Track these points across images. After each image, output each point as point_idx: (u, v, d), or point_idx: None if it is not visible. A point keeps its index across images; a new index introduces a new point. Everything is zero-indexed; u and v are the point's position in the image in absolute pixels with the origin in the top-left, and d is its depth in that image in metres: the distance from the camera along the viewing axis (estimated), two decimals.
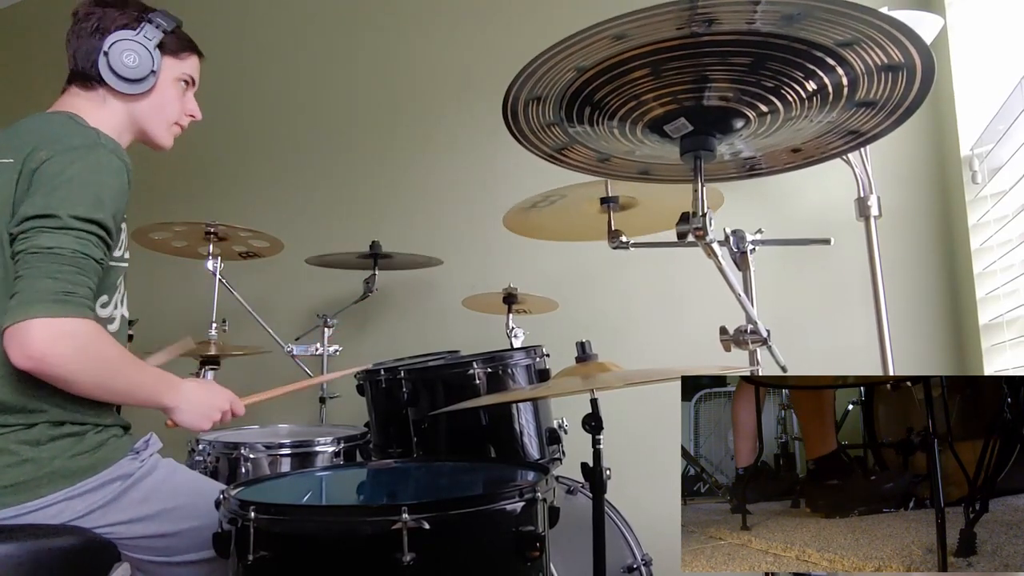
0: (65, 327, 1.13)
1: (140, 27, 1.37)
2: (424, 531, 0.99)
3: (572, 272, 2.52)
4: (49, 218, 1.16)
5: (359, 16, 3.09)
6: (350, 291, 2.64)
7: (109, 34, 1.36)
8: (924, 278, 2.11)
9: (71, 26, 1.39)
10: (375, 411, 1.97)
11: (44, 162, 1.20)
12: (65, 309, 1.13)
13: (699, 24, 0.84)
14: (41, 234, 1.16)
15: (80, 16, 1.38)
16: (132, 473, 1.29)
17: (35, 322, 1.11)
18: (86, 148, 1.24)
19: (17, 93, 3.87)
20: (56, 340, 1.12)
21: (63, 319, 1.13)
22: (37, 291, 1.13)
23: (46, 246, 1.15)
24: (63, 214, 1.16)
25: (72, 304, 1.14)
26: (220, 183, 3.28)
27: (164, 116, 1.45)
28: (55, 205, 1.17)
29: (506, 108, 1.02)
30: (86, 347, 1.16)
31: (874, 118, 1.03)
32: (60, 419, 1.23)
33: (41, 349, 1.11)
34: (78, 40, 1.37)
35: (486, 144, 2.71)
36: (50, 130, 1.27)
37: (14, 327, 1.11)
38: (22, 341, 1.11)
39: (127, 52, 1.35)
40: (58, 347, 1.12)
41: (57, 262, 1.15)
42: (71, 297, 1.15)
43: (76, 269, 1.16)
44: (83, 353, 1.15)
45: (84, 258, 1.18)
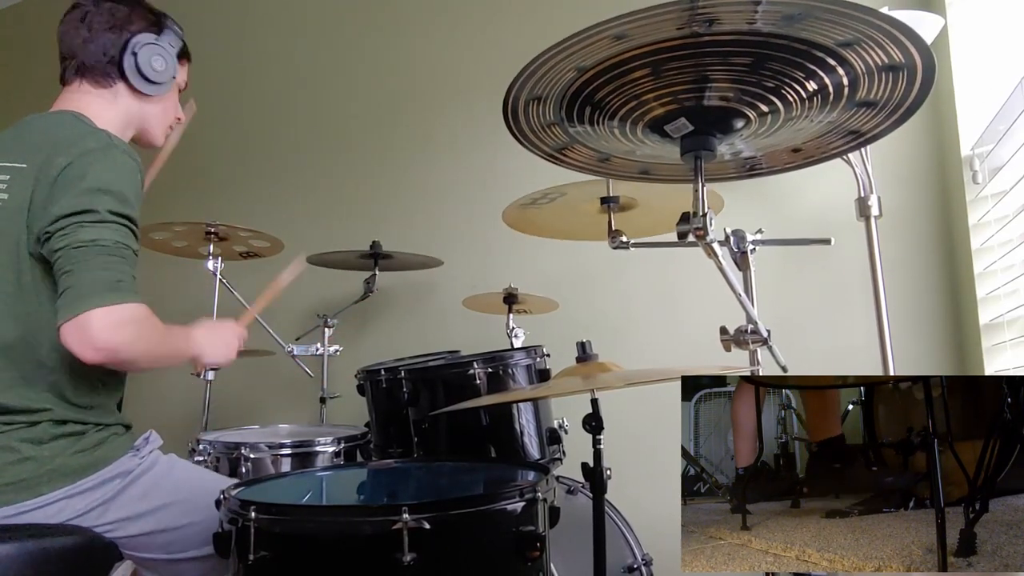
0: (124, 314, 1.16)
1: (163, 33, 1.41)
2: (424, 531, 0.99)
3: (572, 272, 2.52)
4: (87, 213, 1.19)
5: (359, 16, 3.09)
6: (350, 291, 2.64)
7: (130, 33, 1.38)
8: (924, 278, 2.11)
9: (76, 18, 1.38)
10: (375, 411, 1.97)
11: (64, 168, 1.22)
12: (121, 296, 1.16)
13: (700, 24, 0.84)
14: (81, 228, 1.18)
15: (88, 8, 1.38)
16: (131, 470, 1.29)
17: (95, 312, 1.13)
18: (101, 150, 1.26)
19: (17, 93, 3.87)
20: (118, 328, 1.15)
21: (121, 306, 1.16)
22: (90, 283, 1.15)
23: (89, 239, 1.18)
24: (100, 208, 1.19)
25: (125, 291, 1.18)
26: (220, 183, 3.28)
27: (166, 119, 1.50)
28: (88, 202, 1.20)
29: (506, 108, 1.02)
30: (144, 329, 1.20)
31: (875, 118, 1.03)
32: (63, 418, 1.24)
33: (106, 338, 1.13)
34: (90, 33, 1.37)
35: (486, 144, 2.71)
36: (61, 133, 1.28)
37: (74, 321, 1.13)
38: (86, 333, 1.13)
39: (156, 56, 1.39)
40: (123, 334, 1.16)
41: (103, 253, 1.18)
42: (123, 285, 1.18)
43: (121, 259, 1.20)
44: (142, 335, 1.20)
45: (126, 248, 1.22)
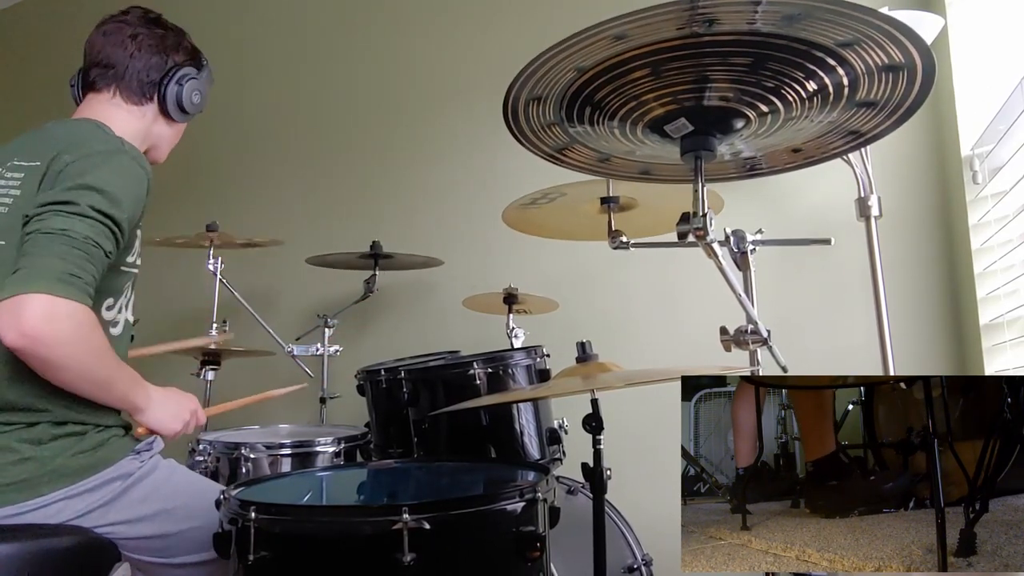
0: (65, 308, 1.10)
1: (202, 71, 1.51)
2: (424, 531, 0.99)
3: (572, 272, 2.52)
4: (67, 204, 1.17)
5: (359, 16, 3.09)
6: (351, 291, 2.64)
7: (175, 63, 1.46)
8: (924, 278, 2.11)
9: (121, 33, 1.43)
10: (375, 411, 1.97)
11: (68, 164, 1.23)
12: (68, 290, 1.11)
13: (699, 24, 0.84)
14: (56, 216, 1.16)
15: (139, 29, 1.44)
16: (132, 472, 1.29)
17: (35, 297, 1.07)
18: (109, 153, 1.27)
19: (17, 93, 3.87)
20: (53, 319, 1.08)
21: (64, 300, 1.10)
22: (42, 268, 1.10)
23: (59, 227, 1.15)
24: (82, 203, 1.18)
25: (76, 287, 1.12)
26: (221, 183, 3.29)
27: (175, 141, 1.57)
28: (74, 196, 1.18)
29: (506, 108, 1.02)
30: (81, 332, 1.13)
31: (875, 118, 1.03)
32: (63, 419, 1.24)
33: (36, 326, 1.07)
34: (138, 51, 1.43)
35: (486, 144, 2.71)
36: (76, 136, 1.31)
37: (11, 300, 1.07)
38: (18, 315, 1.07)
39: (196, 92, 1.50)
40: (54, 326, 1.09)
41: (67, 244, 1.14)
42: (75, 280, 1.13)
43: (85, 255, 1.16)
44: (77, 338, 1.13)
45: (94, 246, 1.17)
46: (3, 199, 1.27)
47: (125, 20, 1.45)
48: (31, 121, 1.41)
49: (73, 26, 3.67)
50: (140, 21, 1.46)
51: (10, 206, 1.26)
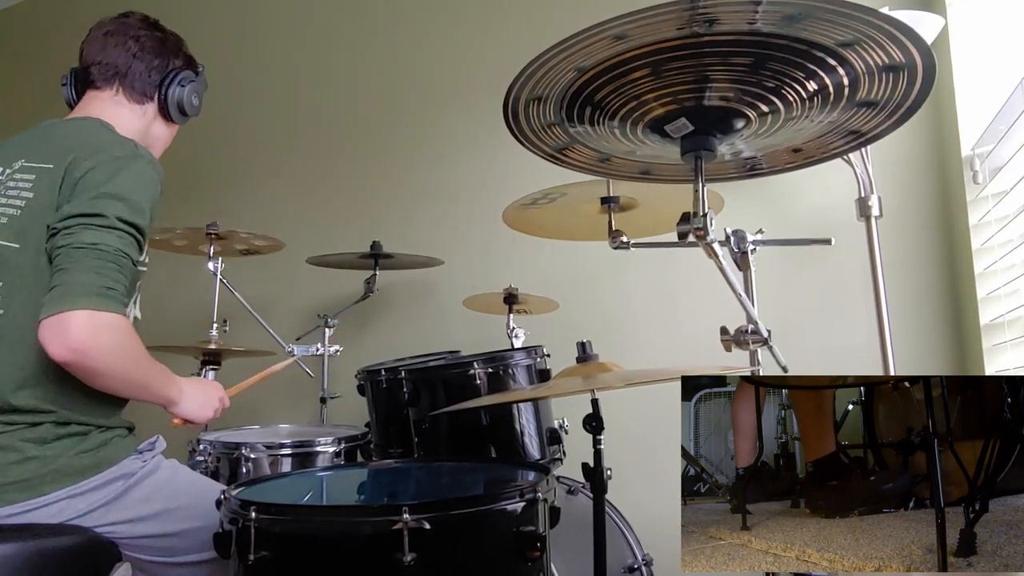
0: (107, 321, 1.16)
1: (199, 75, 1.55)
2: (425, 531, 0.99)
3: (572, 272, 2.52)
4: (96, 216, 1.21)
5: (359, 16, 3.09)
6: (351, 291, 2.64)
7: (175, 67, 1.50)
8: (925, 278, 2.11)
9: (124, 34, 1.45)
10: (376, 411, 1.97)
11: (89, 171, 1.25)
12: (107, 304, 1.17)
13: (700, 24, 0.84)
14: (87, 230, 1.20)
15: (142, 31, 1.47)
16: (134, 472, 1.30)
17: (78, 314, 1.13)
18: (127, 159, 1.30)
19: (17, 93, 3.88)
20: (98, 333, 1.15)
21: (105, 313, 1.16)
22: (81, 284, 1.16)
23: (90, 242, 1.19)
24: (110, 214, 1.21)
25: (113, 300, 1.18)
26: (221, 183, 3.29)
27: (169, 142, 1.59)
28: (102, 207, 1.21)
29: (507, 108, 1.02)
30: (123, 341, 1.20)
31: (875, 118, 1.03)
32: (66, 419, 1.24)
33: (83, 341, 1.13)
34: (141, 52, 1.45)
35: (487, 144, 2.71)
36: (89, 138, 1.32)
37: (55, 317, 1.13)
38: (64, 332, 1.13)
39: (195, 94, 1.54)
40: (99, 340, 1.15)
41: (101, 258, 1.19)
42: (112, 293, 1.18)
43: (117, 267, 1.21)
44: (120, 347, 1.19)
45: (125, 257, 1.22)
46: (14, 201, 1.27)
47: (126, 22, 1.47)
48: (31, 121, 1.41)
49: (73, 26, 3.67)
50: (141, 24, 1.49)
51: (23, 208, 1.26)
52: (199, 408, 1.42)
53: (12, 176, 1.29)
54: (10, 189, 1.28)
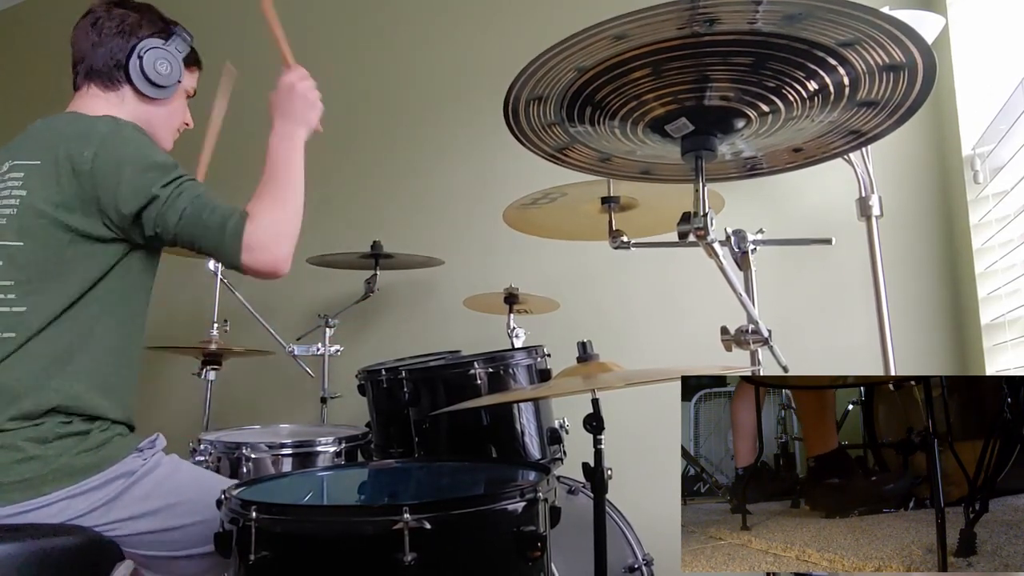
0: (251, 243, 1.28)
1: (171, 39, 1.47)
2: (425, 531, 0.99)
3: (573, 272, 2.52)
4: (151, 204, 1.28)
5: (359, 16, 3.09)
6: (351, 291, 2.64)
7: (138, 38, 1.43)
8: (925, 278, 2.11)
9: (87, 23, 1.43)
10: (376, 411, 1.97)
11: (92, 160, 1.27)
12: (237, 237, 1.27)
13: (700, 24, 0.84)
14: (164, 217, 1.28)
15: (99, 15, 1.43)
16: (135, 471, 1.30)
17: (242, 262, 1.28)
18: (113, 130, 1.31)
19: (16, 93, 3.88)
20: (260, 253, 1.28)
21: (244, 242, 1.27)
22: (215, 247, 1.29)
23: (175, 220, 1.28)
24: (155, 191, 1.28)
25: (230, 231, 1.28)
26: (221, 183, 3.27)
27: (173, 122, 1.54)
28: (142, 188, 1.27)
29: (507, 108, 1.02)
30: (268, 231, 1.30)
31: (875, 118, 1.03)
32: (68, 418, 1.24)
33: (266, 263, 1.29)
34: (100, 38, 1.41)
35: (487, 144, 2.71)
36: (67, 129, 1.32)
37: (246, 271, 1.29)
38: (257, 273, 1.29)
39: (161, 60, 1.44)
40: (265, 253, 1.29)
41: (192, 219, 1.28)
42: (226, 224, 1.28)
43: (204, 207, 1.29)
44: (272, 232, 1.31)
45: (197, 198, 1.30)
46: (9, 201, 1.28)
47: (90, 13, 1.44)
48: (31, 121, 1.41)
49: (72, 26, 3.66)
50: (102, 7, 1.44)
51: (19, 207, 1.27)
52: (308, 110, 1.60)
53: (2, 178, 1.30)
54: (2, 191, 1.29)
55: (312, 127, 1.52)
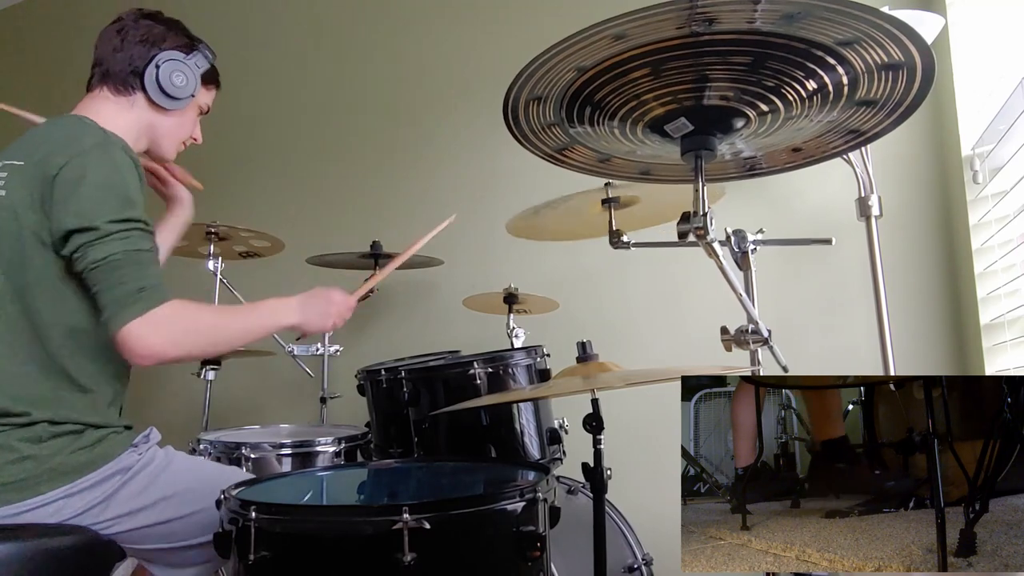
0: (151, 320, 1.20)
1: (192, 53, 1.48)
2: (425, 531, 0.99)
3: (573, 272, 2.52)
4: (88, 231, 1.21)
5: (360, 16, 3.09)
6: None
7: (160, 49, 1.43)
8: (925, 278, 2.11)
9: (113, 29, 1.44)
10: (376, 411, 1.97)
11: (61, 168, 1.23)
12: (144, 306, 1.20)
13: (699, 23, 0.84)
14: (89, 249, 1.21)
15: (127, 23, 1.44)
16: (131, 466, 1.30)
17: (128, 329, 1.19)
18: (98, 148, 1.27)
19: (16, 93, 3.88)
20: (151, 334, 1.20)
21: (146, 315, 1.20)
22: (116, 301, 1.20)
23: (99, 258, 1.21)
24: (99, 223, 1.21)
25: (147, 299, 1.21)
26: (221, 183, 3.27)
27: (179, 134, 1.53)
28: (88, 214, 1.21)
29: (507, 108, 1.02)
30: (184, 325, 1.25)
31: (875, 117, 1.03)
32: (62, 419, 1.24)
33: (146, 346, 1.20)
34: (122, 44, 1.42)
35: (487, 144, 2.71)
36: (60, 133, 1.31)
37: (117, 339, 1.20)
38: (130, 350, 1.20)
39: (177, 72, 1.44)
40: (157, 338, 1.21)
41: (117, 268, 1.21)
42: (143, 293, 1.21)
43: (136, 265, 1.23)
44: (185, 330, 1.25)
45: (136, 252, 1.24)
46: None
47: (120, 19, 1.46)
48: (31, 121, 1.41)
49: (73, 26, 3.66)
50: (131, 16, 1.45)
51: None
52: (318, 320, 1.48)
53: None
54: None
55: (307, 329, 1.47)
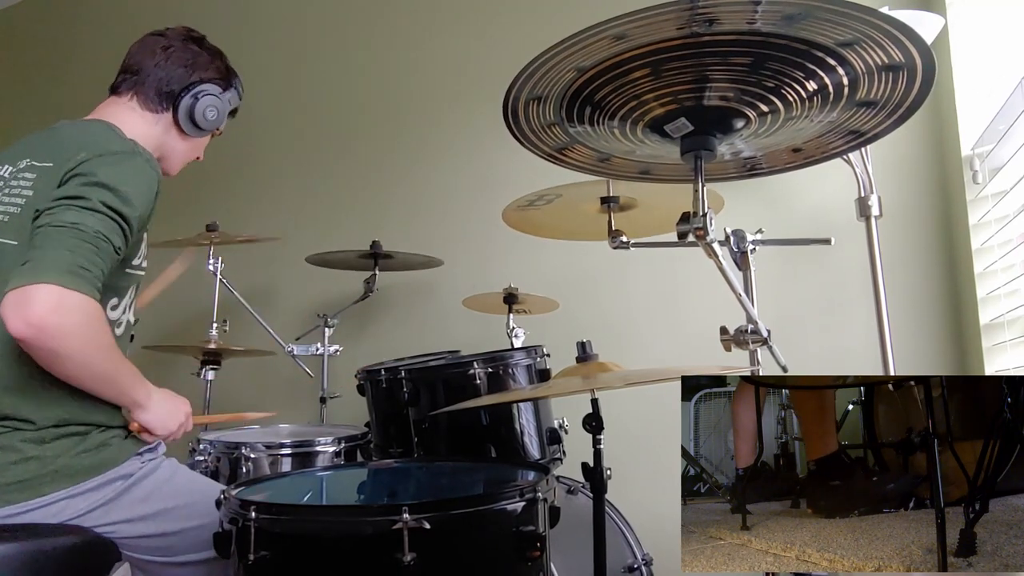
0: (73, 300, 1.10)
1: (228, 90, 1.50)
2: (425, 531, 0.99)
3: (572, 272, 2.52)
4: (78, 199, 1.18)
5: (360, 16, 3.09)
6: (351, 291, 2.64)
7: (200, 78, 1.46)
8: (925, 278, 2.11)
9: (158, 44, 1.45)
10: (376, 411, 1.97)
11: (81, 163, 1.24)
12: (77, 283, 1.11)
13: (699, 24, 0.84)
14: (68, 210, 1.17)
15: (173, 42, 1.46)
16: (134, 473, 1.30)
17: (44, 287, 1.07)
18: (124, 154, 1.29)
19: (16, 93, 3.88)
20: (61, 310, 1.09)
21: (73, 291, 1.10)
22: (52, 260, 1.11)
23: (70, 221, 1.15)
24: (93, 199, 1.19)
25: (85, 280, 1.12)
26: (221, 183, 3.28)
27: (189, 157, 1.56)
28: (87, 192, 1.19)
29: (506, 108, 1.02)
30: (88, 325, 1.13)
31: (875, 118, 1.03)
32: (66, 420, 1.24)
33: (44, 316, 1.07)
34: (166, 62, 1.44)
35: (486, 144, 2.71)
36: (91, 138, 1.32)
37: (19, 290, 1.07)
38: (25, 306, 1.07)
39: (211, 108, 1.47)
40: (62, 318, 1.09)
41: (77, 237, 1.14)
42: (85, 273, 1.13)
43: (94, 248, 1.16)
44: (84, 330, 1.13)
45: (104, 240, 1.18)
46: (15, 199, 1.27)
47: (165, 33, 1.48)
48: (31, 121, 1.41)
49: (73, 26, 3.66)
50: (178, 36, 1.48)
51: (23, 207, 1.26)
52: (164, 418, 1.34)
53: (16, 175, 1.30)
54: (13, 188, 1.28)
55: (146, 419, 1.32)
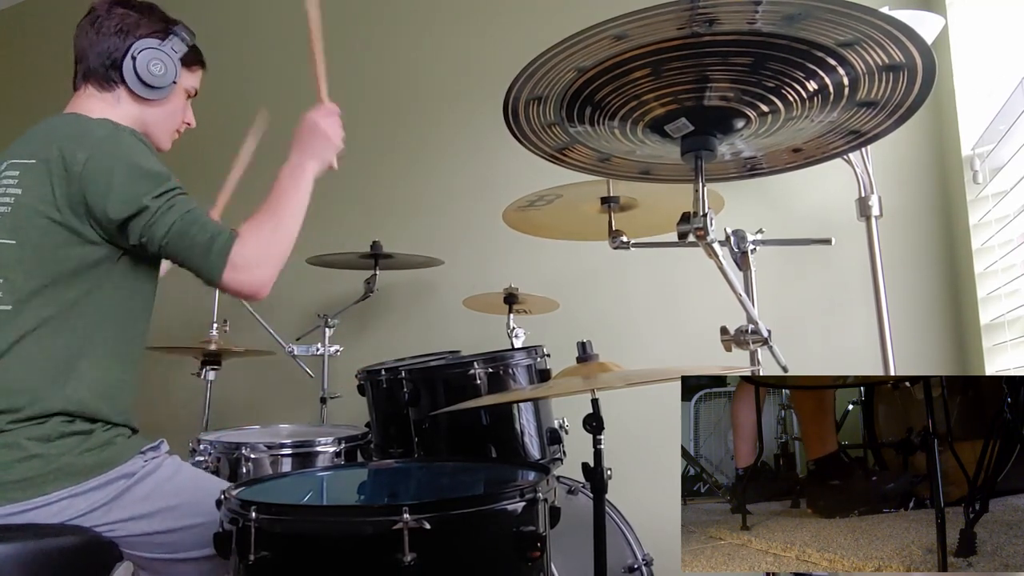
0: (235, 265, 1.28)
1: (168, 38, 1.44)
2: (425, 531, 0.99)
3: (573, 272, 2.52)
4: (141, 214, 1.27)
5: (359, 16, 3.09)
6: (351, 291, 2.64)
7: (135, 38, 1.40)
8: (925, 278, 2.11)
9: (88, 22, 1.42)
10: (376, 411, 1.97)
11: (84, 163, 1.25)
12: (219, 259, 1.28)
13: (700, 24, 0.84)
14: (151, 229, 1.27)
15: (100, 13, 1.41)
16: (136, 472, 1.30)
17: (223, 282, 1.29)
18: (111, 136, 1.30)
19: (16, 93, 3.87)
20: (243, 275, 1.29)
21: (228, 264, 1.28)
22: (198, 265, 1.30)
23: (163, 233, 1.27)
24: (147, 202, 1.27)
25: (216, 249, 1.28)
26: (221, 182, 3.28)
27: (170, 123, 1.51)
28: (132, 198, 1.26)
29: (507, 108, 1.02)
30: (257, 252, 1.32)
31: (875, 118, 1.03)
32: (71, 417, 1.24)
33: (247, 286, 1.30)
34: (97, 36, 1.40)
35: (487, 144, 2.71)
36: (65, 130, 1.31)
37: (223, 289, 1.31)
38: (236, 293, 1.31)
39: (154, 61, 1.41)
40: (248, 275, 1.30)
41: (180, 234, 1.28)
42: (214, 242, 1.28)
43: (193, 223, 1.29)
44: (262, 256, 1.33)
45: (188, 214, 1.29)
46: (4, 199, 1.28)
47: (93, 8, 1.43)
48: (31, 121, 1.41)
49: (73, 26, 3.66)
50: (104, 6, 1.42)
51: (13, 206, 1.27)
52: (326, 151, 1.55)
53: (0, 176, 1.30)
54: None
55: (325, 164, 1.53)
